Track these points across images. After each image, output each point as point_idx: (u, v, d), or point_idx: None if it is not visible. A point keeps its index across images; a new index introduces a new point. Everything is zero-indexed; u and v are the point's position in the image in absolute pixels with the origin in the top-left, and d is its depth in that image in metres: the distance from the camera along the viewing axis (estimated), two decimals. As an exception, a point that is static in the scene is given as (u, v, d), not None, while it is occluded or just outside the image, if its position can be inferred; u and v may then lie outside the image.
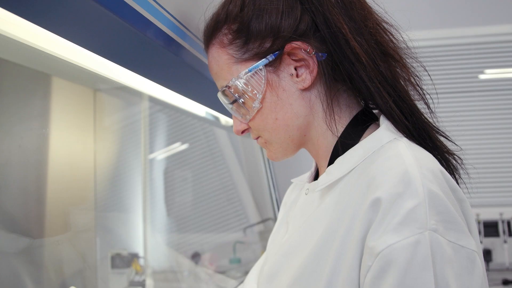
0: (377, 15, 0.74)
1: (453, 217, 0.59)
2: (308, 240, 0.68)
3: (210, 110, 1.53)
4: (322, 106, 0.72)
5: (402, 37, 0.75)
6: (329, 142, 0.74)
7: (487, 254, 2.66)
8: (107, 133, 1.57)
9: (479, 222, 2.67)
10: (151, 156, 1.94)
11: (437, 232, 0.57)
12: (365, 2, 0.73)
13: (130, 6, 0.70)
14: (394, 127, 0.69)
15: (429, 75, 0.74)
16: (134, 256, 1.54)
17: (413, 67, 0.74)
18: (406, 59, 0.74)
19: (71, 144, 1.36)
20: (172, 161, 2.26)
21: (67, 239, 1.26)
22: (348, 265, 0.61)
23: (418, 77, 0.74)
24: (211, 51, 0.76)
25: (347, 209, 0.64)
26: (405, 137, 0.69)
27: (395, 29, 0.75)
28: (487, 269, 2.67)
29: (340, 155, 0.71)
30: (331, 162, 0.73)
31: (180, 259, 1.92)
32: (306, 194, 0.79)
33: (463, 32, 2.95)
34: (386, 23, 0.74)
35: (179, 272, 1.77)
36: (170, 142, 2.22)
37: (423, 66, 0.73)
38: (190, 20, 0.88)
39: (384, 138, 0.68)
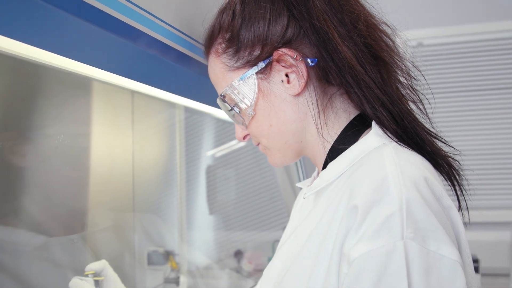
0: (372, 17, 0.73)
1: (433, 225, 0.58)
2: (297, 245, 0.69)
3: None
4: (317, 111, 0.72)
5: (401, 37, 0.74)
6: (325, 147, 0.73)
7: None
8: (145, 133, 1.63)
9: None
10: (190, 156, 2.00)
11: (414, 241, 0.56)
12: (357, 4, 0.72)
13: (138, 29, 0.75)
14: (383, 132, 0.68)
15: (423, 75, 0.72)
16: (170, 254, 1.59)
17: (409, 69, 0.73)
18: (403, 61, 0.73)
19: (111, 145, 1.42)
20: (216, 161, 2.31)
21: (105, 236, 1.33)
22: (326, 271, 0.61)
23: (414, 78, 0.73)
24: (209, 60, 0.79)
25: (331, 215, 0.64)
26: (397, 141, 0.68)
27: (392, 29, 0.74)
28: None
29: (331, 161, 0.71)
30: (324, 167, 0.73)
31: (216, 257, 1.96)
32: (304, 198, 0.80)
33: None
34: (384, 23, 0.74)
35: (213, 269, 1.82)
36: (212, 142, 2.27)
37: (417, 67, 0.72)
38: (194, 30, 0.92)
39: (373, 143, 0.68)
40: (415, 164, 0.64)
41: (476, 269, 2.02)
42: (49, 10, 0.61)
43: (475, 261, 2.03)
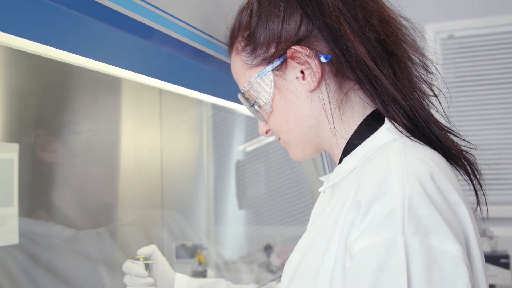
0: (387, 11, 0.73)
1: (436, 220, 0.57)
2: (312, 238, 0.70)
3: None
4: (330, 107, 0.73)
5: (427, 31, 0.74)
6: (341, 142, 0.74)
7: None
8: (173, 130, 1.66)
9: None
10: (217, 152, 2.02)
11: (416, 236, 0.56)
12: None
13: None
14: (394, 127, 0.69)
15: (437, 69, 0.72)
16: (198, 248, 1.63)
17: (425, 64, 0.72)
18: (419, 55, 0.73)
19: (139, 142, 1.45)
20: (245, 157, 2.33)
21: (133, 230, 1.36)
22: (333, 265, 0.62)
23: (430, 72, 0.73)
24: (231, 58, 0.81)
25: (339, 209, 0.65)
26: (408, 136, 0.68)
27: (411, 23, 0.74)
28: None
29: (345, 155, 0.72)
30: (340, 161, 0.74)
31: (246, 251, 1.98)
32: (323, 192, 0.81)
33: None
34: (402, 17, 0.74)
35: (241, 263, 1.84)
36: (240, 138, 2.29)
37: (431, 61, 0.72)
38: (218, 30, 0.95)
39: (384, 138, 0.68)
40: (422, 159, 0.63)
41: (507, 265, 1.97)
42: (85, 20, 0.66)
43: (506, 257, 1.98)
